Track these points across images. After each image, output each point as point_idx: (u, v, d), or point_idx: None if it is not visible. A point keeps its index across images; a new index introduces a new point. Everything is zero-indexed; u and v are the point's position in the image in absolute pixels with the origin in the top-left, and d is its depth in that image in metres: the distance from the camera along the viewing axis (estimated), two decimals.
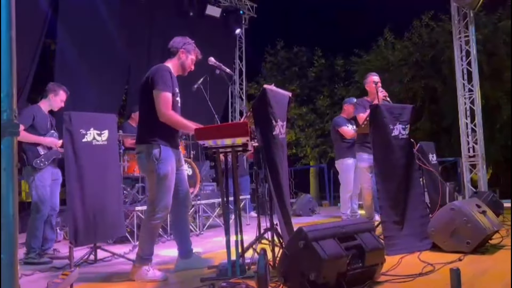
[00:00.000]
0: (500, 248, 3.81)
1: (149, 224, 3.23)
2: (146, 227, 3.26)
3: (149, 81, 3.22)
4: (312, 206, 8.08)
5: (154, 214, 3.20)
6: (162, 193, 3.20)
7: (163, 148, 3.19)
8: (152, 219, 3.21)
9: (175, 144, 3.35)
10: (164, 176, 3.18)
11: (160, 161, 3.17)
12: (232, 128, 2.78)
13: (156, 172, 3.17)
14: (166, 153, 3.20)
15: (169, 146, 3.25)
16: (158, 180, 3.18)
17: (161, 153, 3.17)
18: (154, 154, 3.16)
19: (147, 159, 3.19)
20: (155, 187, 3.21)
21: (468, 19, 7.73)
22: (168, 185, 3.21)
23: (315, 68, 15.32)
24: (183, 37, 3.40)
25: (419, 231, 3.92)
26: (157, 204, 3.19)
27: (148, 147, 3.19)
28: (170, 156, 3.23)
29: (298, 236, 2.62)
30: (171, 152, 3.26)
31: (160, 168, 3.17)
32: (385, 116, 3.92)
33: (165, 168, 3.19)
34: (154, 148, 3.17)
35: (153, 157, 3.16)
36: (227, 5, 10.00)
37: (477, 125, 7.63)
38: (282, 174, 3.23)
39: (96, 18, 7.38)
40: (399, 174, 3.96)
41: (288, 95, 3.52)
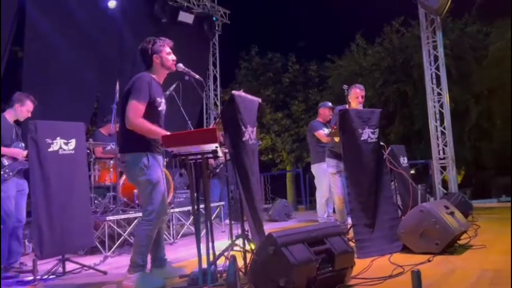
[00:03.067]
0: (468, 248, 3.90)
1: (144, 230, 3.20)
2: (141, 234, 3.22)
3: (127, 91, 3.23)
4: (288, 211, 8.09)
5: (150, 220, 3.19)
6: (156, 199, 3.20)
7: (150, 155, 3.22)
8: (148, 225, 3.19)
9: (158, 150, 3.35)
10: (157, 182, 3.21)
11: (149, 167, 3.19)
12: (200, 134, 2.76)
13: (147, 179, 3.18)
14: (153, 160, 3.23)
15: (154, 153, 3.27)
16: (151, 187, 3.19)
17: (149, 160, 3.20)
18: (143, 161, 3.17)
19: (135, 168, 3.19)
20: (148, 194, 3.20)
21: (436, 24, 7.93)
22: (161, 189, 3.24)
23: (289, 74, 15.42)
24: (145, 42, 3.36)
25: (389, 233, 3.97)
26: (152, 210, 3.19)
27: (135, 156, 3.20)
28: (156, 163, 3.27)
29: (268, 242, 2.62)
30: (157, 159, 3.29)
31: (151, 175, 3.19)
32: (353, 120, 3.97)
33: (155, 174, 3.22)
34: (142, 156, 3.19)
35: (142, 165, 3.17)
36: (200, 11, 9.98)
37: (446, 128, 7.81)
38: (252, 180, 3.22)
39: (65, 24, 7.24)
40: (369, 177, 4.01)
41: (258, 101, 3.51)
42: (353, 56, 13.48)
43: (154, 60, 3.36)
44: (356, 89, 5.12)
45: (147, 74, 3.29)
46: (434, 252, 3.64)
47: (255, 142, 3.37)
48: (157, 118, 3.31)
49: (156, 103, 3.27)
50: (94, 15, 7.60)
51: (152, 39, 3.39)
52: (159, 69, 3.39)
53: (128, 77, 4.69)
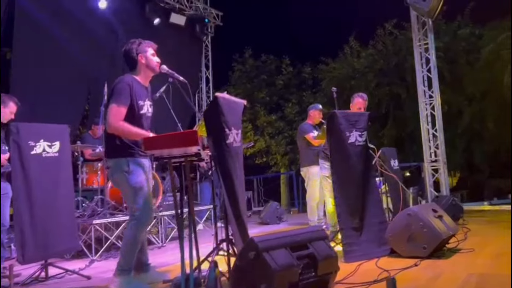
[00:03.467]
0: (456, 251, 3.86)
1: (130, 235, 3.16)
2: (128, 238, 3.18)
3: (109, 94, 3.21)
4: (279, 213, 8.05)
5: (135, 225, 3.16)
6: (140, 204, 3.16)
7: (131, 159, 3.17)
8: (133, 229, 3.16)
9: (142, 153, 3.28)
10: (139, 186, 3.17)
11: (130, 173, 3.15)
12: (180, 137, 2.70)
13: (128, 184, 3.15)
14: (135, 164, 3.19)
15: (136, 157, 3.22)
16: (133, 191, 3.16)
17: (129, 165, 3.16)
18: (124, 167, 3.15)
19: (117, 173, 3.18)
20: (131, 198, 3.18)
21: (427, 27, 7.92)
22: (144, 194, 3.19)
23: (283, 76, 15.39)
24: (130, 42, 3.32)
25: (377, 237, 3.93)
26: (139, 215, 3.16)
27: (116, 162, 3.18)
28: (138, 167, 3.22)
29: (249, 247, 2.57)
30: (139, 163, 3.23)
31: (131, 180, 3.15)
32: (341, 123, 3.93)
33: (136, 178, 3.17)
34: (122, 161, 3.16)
35: (123, 171, 3.14)
36: (192, 13, 9.94)
37: (438, 131, 7.79)
38: (237, 184, 3.17)
39: (56, 27, 7.18)
40: (357, 180, 3.97)
41: (243, 103, 3.47)
42: (346, 59, 13.47)
43: (139, 60, 3.31)
44: (359, 98, 5.09)
45: (129, 76, 3.24)
46: (421, 256, 3.60)
47: (240, 144, 3.33)
48: (140, 121, 3.26)
49: (137, 106, 3.22)
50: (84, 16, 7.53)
51: (137, 40, 3.35)
52: (143, 70, 3.34)
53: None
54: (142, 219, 3.16)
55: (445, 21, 12.21)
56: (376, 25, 13.00)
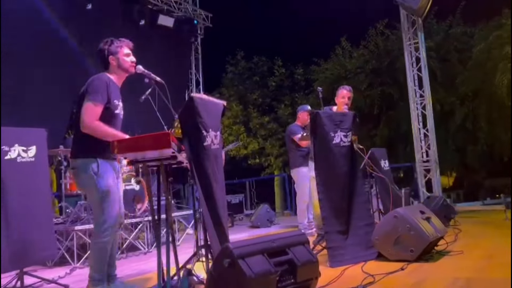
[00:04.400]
0: (444, 254, 3.76)
1: (97, 243, 3.02)
2: (94, 247, 3.05)
3: (83, 92, 3.05)
4: (270, 216, 7.93)
5: (102, 232, 3.00)
6: (107, 209, 3.01)
7: (101, 161, 3.02)
8: (100, 237, 3.00)
9: (111, 156, 3.15)
10: (106, 190, 3.01)
11: (99, 175, 3.00)
12: (152, 139, 2.58)
13: (96, 187, 2.99)
14: (105, 167, 3.04)
15: (106, 159, 3.07)
16: (100, 196, 3.00)
17: (99, 166, 3.00)
18: (92, 168, 2.99)
19: (84, 175, 3.01)
20: (98, 203, 3.02)
21: (417, 25, 7.85)
22: (112, 199, 3.04)
23: (275, 78, 15.31)
24: (102, 42, 3.20)
25: (364, 240, 3.82)
26: (104, 221, 3.00)
27: (85, 162, 3.02)
28: (108, 170, 3.07)
29: (224, 254, 2.45)
30: (109, 165, 3.09)
31: (100, 183, 3.00)
32: (325, 123, 3.83)
33: (105, 181, 3.02)
34: (92, 162, 3.00)
35: (91, 172, 2.99)
36: (181, 15, 9.84)
37: (429, 130, 7.71)
38: (215, 188, 3.06)
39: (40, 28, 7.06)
40: (342, 182, 3.87)
41: (222, 104, 3.35)
42: (338, 59, 13.41)
43: (110, 62, 3.19)
44: (343, 90, 4.96)
45: (105, 75, 3.12)
46: (409, 259, 3.50)
47: (219, 147, 3.21)
48: (114, 122, 3.14)
49: (113, 106, 3.10)
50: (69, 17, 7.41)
51: (109, 40, 3.23)
52: (116, 71, 3.22)
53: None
54: (106, 227, 2.99)
55: (436, 21, 12.17)
56: (368, 25, 12.95)
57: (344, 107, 4.79)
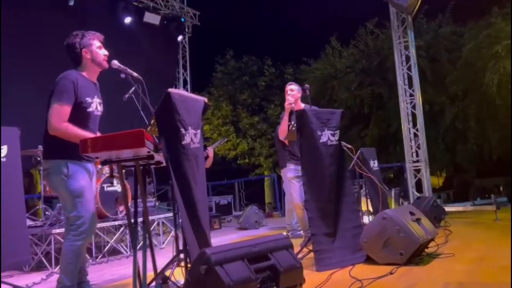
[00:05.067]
0: (435, 257, 3.63)
1: (71, 246, 2.84)
2: (68, 249, 2.85)
3: (51, 92, 2.89)
4: (259, 218, 7.77)
5: (78, 235, 2.83)
6: (80, 212, 2.85)
7: (71, 162, 2.87)
8: (74, 239, 2.83)
9: (86, 157, 2.97)
10: (79, 192, 2.85)
11: (69, 176, 2.85)
12: (124, 137, 2.41)
13: (66, 189, 2.84)
14: (75, 168, 2.88)
15: (77, 161, 2.91)
16: (72, 198, 2.84)
17: (69, 168, 2.85)
18: (62, 170, 2.84)
19: (55, 177, 2.86)
20: (71, 207, 2.86)
21: (407, 24, 7.75)
22: (85, 201, 2.87)
23: (265, 77, 15.16)
24: (72, 36, 3.02)
25: (352, 243, 3.68)
26: (77, 225, 2.83)
27: (56, 163, 2.86)
28: (80, 171, 2.91)
29: (200, 260, 2.29)
30: (81, 167, 2.93)
31: (72, 185, 2.85)
32: (312, 121, 3.68)
33: (76, 183, 2.86)
34: (61, 164, 2.85)
35: (61, 174, 2.84)
36: (168, 12, 9.65)
37: (419, 130, 7.61)
38: (195, 189, 2.90)
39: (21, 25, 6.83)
40: (329, 182, 3.72)
41: (203, 101, 3.19)
42: (328, 59, 13.28)
43: (83, 56, 3.02)
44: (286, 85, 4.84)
45: (73, 72, 2.95)
46: (398, 263, 3.36)
47: (199, 146, 3.05)
48: (87, 121, 2.97)
49: (84, 104, 2.93)
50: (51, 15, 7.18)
51: (79, 32, 3.05)
52: (90, 65, 3.05)
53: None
54: (82, 230, 2.83)
55: (426, 20, 12.11)
56: (358, 24, 12.84)
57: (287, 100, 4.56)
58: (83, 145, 2.43)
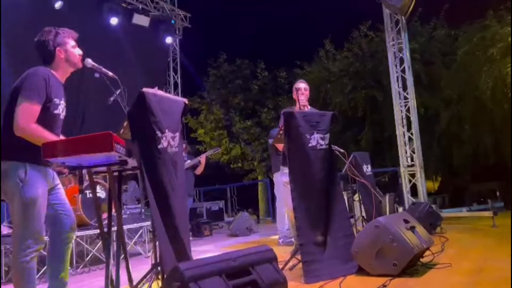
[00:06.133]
0: (431, 267, 3.43)
1: (18, 263, 2.50)
2: (16, 267, 2.52)
3: (17, 87, 2.59)
4: (250, 224, 7.56)
5: (24, 250, 2.49)
6: (30, 222, 2.52)
7: (30, 166, 2.56)
8: (23, 255, 2.49)
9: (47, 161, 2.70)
10: (32, 201, 2.53)
11: (25, 182, 2.53)
12: (90, 141, 2.20)
13: (20, 196, 2.52)
14: (34, 173, 2.57)
15: (38, 164, 2.60)
16: (24, 206, 2.51)
17: (27, 172, 2.54)
18: (18, 174, 2.52)
19: (9, 180, 2.54)
20: (20, 215, 2.52)
21: (401, 25, 7.59)
22: (37, 211, 2.55)
23: (258, 81, 14.98)
24: (45, 33, 2.78)
25: (343, 252, 3.47)
26: (25, 237, 2.50)
27: (11, 166, 2.54)
28: (39, 176, 2.60)
29: (173, 276, 2.08)
30: (40, 173, 2.62)
31: (26, 191, 2.52)
32: (300, 124, 3.48)
33: (33, 191, 2.54)
34: (19, 167, 2.54)
35: (16, 179, 2.52)
36: (157, 14, 9.45)
37: (414, 134, 7.43)
38: (172, 196, 2.68)
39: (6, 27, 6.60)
40: (319, 188, 3.52)
41: (183, 102, 2.98)
42: (322, 62, 13.13)
43: (57, 54, 2.77)
44: (298, 83, 4.57)
45: (43, 69, 2.69)
46: (392, 274, 3.16)
47: (178, 150, 2.83)
48: (52, 124, 2.68)
49: (53, 105, 2.66)
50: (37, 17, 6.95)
51: (53, 29, 2.81)
52: (62, 65, 2.81)
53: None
54: (31, 243, 2.51)
55: (420, 23, 11.98)
56: (351, 27, 12.72)
57: (299, 98, 4.33)
58: (46, 149, 2.21)
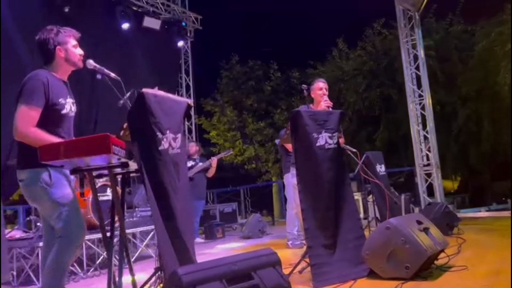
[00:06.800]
0: (446, 270, 3.29)
1: (57, 260, 2.56)
2: (53, 264, 2.57)
3: (18, 92, 2.59)
4: (262, 226, 7.47)
5: (63, 248, 2.56)
6: (68, 222, 2.57)
7: (53, 169, 2.58)
8: (62, 253, 2.56)
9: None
10: (64, 201, 2.58)
11: (52, 185, 2.56)
12: (87, 143, 2.16)
13: (51, 199, 2.56)
14: (57, 175, 2.60)
15: (57, 168, 2.61)
16: (57, 207, 2.57)
17: (51, 176, 2.57)
18: (43, 178, 2.55)
19: (35, 188, 2.57)
20: (57, 218, 2.57)
21: (414, 21, 7.42)
22: (71, 210, 2.60)
23: (271, 82, 14.88)
24: (46, 31, 2.75)
25: (353, 255, 3.36)
26: (66, 236, 2.56)
27: (34, 173, 2.56)
28: (62, 178, 2.64)
29: (171, 281, 2.02)
30: (61, 175, 2.64)
31: (55, 193, 2.56)
32: (307, 123, 3.38)
33: (61, 191, 2.59)
34: (42, 172, 2.55)
35: (42, 184, 2.55)
36: (169, 16, 9.46)
37: (430, 132, 7.24)
38: (175, 199, 2.63)
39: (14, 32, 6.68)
40: (327, 189, 3.41)
41: (186, 102, 2.92)
42: (335, 61, 12.99)
43: (57, 53, 2.74)
44: (318, 82, 4.49)
45: (42, 72, 2.67)
46: (404, 277, 3.04)
47: (180, 151, 2.78)
48: (62, 124, 2.68)
49: (58, 105, 2.64)
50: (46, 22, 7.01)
51: (54, 28, 2.78)
52: (62, 64, 2.77)
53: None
54: (68, 240, 2.57)
55: (435, 19, 11.75)
56: (365, 25, 12.54)
57: (323, 98, 4.25)
58: (42, 152, 2.18)
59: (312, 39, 15.01)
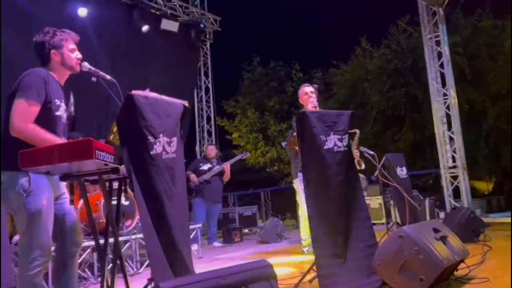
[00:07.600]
0: (466, 282, 3.04)
1: (23, 277, 2.40)
2: (22, 281, 2.42)
3: (14, 90, 2.47)
4: (280, 231, 7.28)
5: (31, 263, 2.39)
6: (36, 235, 2.41)
7: (34, 176, 2.42)
8: (28, 269, 2.39)
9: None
10: (37, 212, 2.41)
11: (30, 193, 2.40)
12: (69, 148, 2.05)
13: (25, 207, 2.40)
14: (38, 182, 2.43)
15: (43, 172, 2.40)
16: (29, 218, 2.40)
17: (31, 182, 2.41)
18: (21, 184, 2.40)
19: (11, 192, 2.42)
20: (25, 227, 2.42)
21: (438, 17, 7.08)
22: (43, 223, 2.43)
23: (293, 83, 14.68)
24: (42, 33, 2.66)
25: (365, 265, 3.15)
26: (31, 249, 2.40)
27: (13, 176, 2.41)
28: (43, 186, 2.46)
29: None
30: (45, 180, 2.48)
31: (30, 202, 2.40)
32: (314, 125, 3.19)
33: (38, 201, 2.42)
34: (21, 176, 2.40)
35: (19, 189, 2.40)
36: (187, 18, 9.41)
37: (455, 133, 6.89)
38: (168, 206, 2.50)
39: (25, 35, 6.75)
40: (337, 194, 3.21)
41: (182, 104, 2.79)
42: (358, 61, 12.65)
43: (52, 57, 2.65)
44: (303, 87, 4.75)
45: (42, 69, 2.57)
46: None
47: (175, 156, 2.65)
48: (54, 126, 2.55)
49: (53, 105, 2.53)
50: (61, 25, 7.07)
51: (51, 30, 2.69)
52: (58, 68, 2.67)
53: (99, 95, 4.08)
54: (38, 256, 2.39)
55: (463, 14, 11.27)
56: (389, 23, 12.17)
57: (309, 101, 4.41)
58: (22, 157, 2.08)
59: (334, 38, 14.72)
